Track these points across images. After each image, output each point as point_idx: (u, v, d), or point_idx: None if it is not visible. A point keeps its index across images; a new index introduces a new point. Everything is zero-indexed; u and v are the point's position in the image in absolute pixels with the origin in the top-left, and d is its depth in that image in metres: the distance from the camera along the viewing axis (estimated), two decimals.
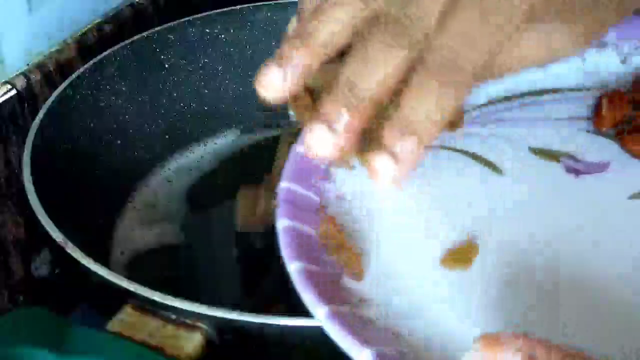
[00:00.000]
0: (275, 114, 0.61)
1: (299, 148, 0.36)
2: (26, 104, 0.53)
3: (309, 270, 0.30)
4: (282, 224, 0.32)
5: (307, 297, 0.29)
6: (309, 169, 0.35)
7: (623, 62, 0.41)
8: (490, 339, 0.23)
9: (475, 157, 0.37)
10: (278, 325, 0.35)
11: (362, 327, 0.28)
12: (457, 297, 0.31)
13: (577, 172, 0.36)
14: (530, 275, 0.31)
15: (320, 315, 0.28)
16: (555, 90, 0.41)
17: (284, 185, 0.34)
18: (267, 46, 0.61)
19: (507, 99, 0.41)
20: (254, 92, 0.61)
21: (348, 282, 0.31)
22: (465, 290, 0.31)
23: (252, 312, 0.36)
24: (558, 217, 0.34)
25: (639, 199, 0.34)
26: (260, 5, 0.60)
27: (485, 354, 0.23)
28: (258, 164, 0.57)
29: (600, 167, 0.36)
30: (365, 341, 0.27)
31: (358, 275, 0.32)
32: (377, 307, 0.30)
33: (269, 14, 0.60)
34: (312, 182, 0.35)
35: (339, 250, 0.33)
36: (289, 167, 0.35)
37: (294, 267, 0.30)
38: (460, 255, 0.33)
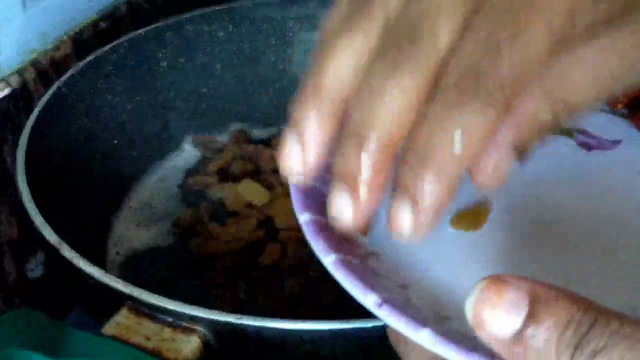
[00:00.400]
0: (274, 114, 0.61)
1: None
2: (21, 102, 0.53)
3: (319, 221, 0.30)
4: (303, 219, 0.33)
5: (316, 245, 0.29)
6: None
7: None
8: (496, 279, 0.23)
9: None
10: (276, 328, 0.35)
11: (369, 276, 0.29)
12: (465, 256, 0.31)
13: (589, 147, 0.37)
14: (540, 239, 0.32)
15: (328, 263, 0.28)
16: None
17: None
18: (265, 44, 0.60)
19: None
20: (252, 91, 0.61)
21: (356, 234, 0.31)
22: (474, 250, 0.32)
23: (250, 314, 0.35)
24: (569, 187, 0.35)
25: None
26: (258, 2, 0.60)
27: (490, 292, 0.23)
28: (257, 162, 0.57)
29: (612, 144, 0.37)
30: (371, 287, 0.27)
31: (364, 230, 0.31)
32: (385, 260, 0.31)
33: (267, 12, 0.60)
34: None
35: None
36: None
37: (303, 219, 0.30)
38: (471, 217, 0.33)
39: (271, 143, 0.59)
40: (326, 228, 0.30)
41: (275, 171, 0.55)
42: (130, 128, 0.56)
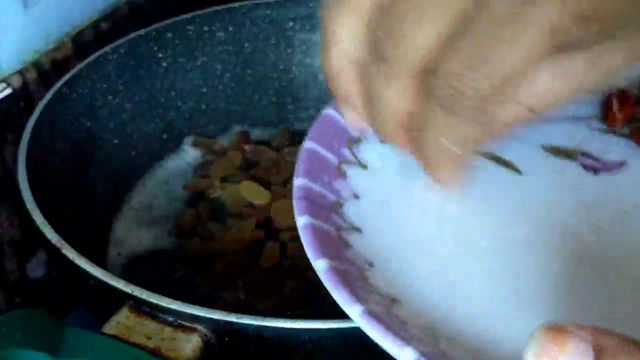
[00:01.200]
0: (274, 114, 0.61)
1: (308, 144, 0.35)
2: (22, 103, 0.53)
3: (336, 267, 0.29)
4: (301, 221, 0.31)
5: (339, 295, 0.28)
6: (322, 166, 0.35)
7: None
8: (556, 328, 0.22)
9: (491, 157, 0.37)
10: (276, 327, 0.35)
11: (398, 326, 0.27)
12: (484, 292, 0.30)
13: (595, 170, 0.36)
14: (558, 271, 0.31)
15: (355, 314, 0.27)
16: None
17: (298, 182, 0.33)
18: (266, 44, 0.60)
19: None
20: (252, 91, 0.61)
21: (375, 280, 0.30)
22: (493, 285, 0.30)
23: (251, 314, 0.35)
24: (583, 215, 0.34)
25: None
26: (259, 2, 0.60)
27: (551, 343, 0.21)
28: (257, 163, 0.57)
29: (618, 165, 0.36)
30: (405, 339, 0.26)
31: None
32: (409, 307, 0.29)
33: (267, 12, 0.60)
34: (326, 180, 0.34)
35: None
36: (301, 164, 0.34)
37: (319, 265, 0.29)
38: None
39: (271, 143, 0.59)
40: (345, 275, 0.29)
41: (276, 171, 0.55)
42: (130, 128, 0.56)
